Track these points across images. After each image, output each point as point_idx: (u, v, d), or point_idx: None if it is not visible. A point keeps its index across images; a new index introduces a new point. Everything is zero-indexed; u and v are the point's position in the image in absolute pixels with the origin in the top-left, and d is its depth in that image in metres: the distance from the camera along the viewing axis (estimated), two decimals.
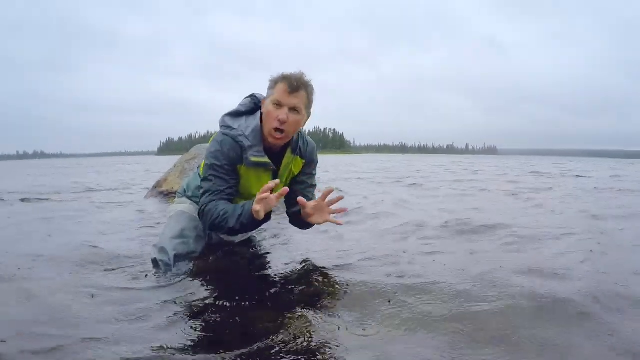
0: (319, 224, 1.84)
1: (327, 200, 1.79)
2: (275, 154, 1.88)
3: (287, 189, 1.66)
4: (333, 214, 1.81)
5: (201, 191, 1.86)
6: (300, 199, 1.75)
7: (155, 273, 1.85)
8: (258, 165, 1.82)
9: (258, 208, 1.61)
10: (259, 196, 1.62)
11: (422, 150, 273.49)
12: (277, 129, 1.75)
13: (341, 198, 1.80)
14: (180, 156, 5.78)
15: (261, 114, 1.85)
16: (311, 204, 1.78)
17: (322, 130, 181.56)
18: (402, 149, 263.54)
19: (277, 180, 1.66)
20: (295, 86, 1.73)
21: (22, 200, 5.08)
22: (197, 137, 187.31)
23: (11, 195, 5.64)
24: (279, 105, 1.74)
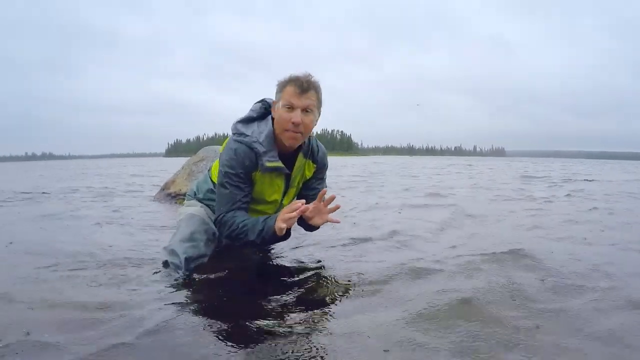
0: (320, 224, 1.84)
1: (324, 201, 1.80)
2: (288, 158, 1.88)
3: (306, 206, 1.69)
4: (330, 212, 1.82)
5: (217, 200, 1.87)
6: (302, 201, 1.75)
7: (166, 275, 1.86)
8: (273, 170, 1.83)
9: (283, 226, 1.65)
10: (285, 215, 1.66)
11: (430, 152, 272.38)
12: (292, 132, 1.75)
13: (334, 197, 1.81)
14: (188, 158, 5.81)
15: (272, 118, 1.86)
16: (309, 207, 1.77)
17: (330, 132, 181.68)
18: (410, 151, 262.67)
19: (303, 201, 1.70)
20: (305, 87, 1.73)
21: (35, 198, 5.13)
22: (204, 138, 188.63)
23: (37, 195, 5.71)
24: (291, 107, 1.74)
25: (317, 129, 1.93)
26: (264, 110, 1.91)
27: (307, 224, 1.89)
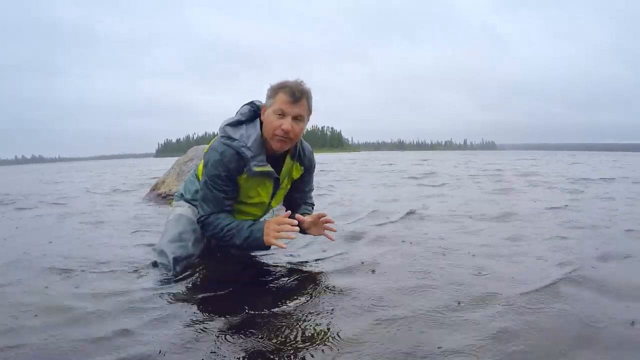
0: (315, 235, 1.95)
1: (321, 219, 1.89)
2: (275, 160, 1.90)
3: (303, 219, 1.83)
4: (327, 229, 1.92)
5: (200, 201, 1.89)
6: (298, 216, 1.85)
7: (155, 276, 1.86)
8: (261, 174, 1.83)
9: (273, 242, 1.73)
10: (276, 234, 1.72)
11: (420, 147, 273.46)
12: (281, 138, 1.77)
13: (332, 222, 1.92)
14: (178, 158, 5.77)
15: (261, 122, 1.86)
16: (308, 219, 1.88)
17: (320, 128, 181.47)
18: (400, 146, 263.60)
19: (289, 212, 1.80)
20: (298, 96, 1.75)
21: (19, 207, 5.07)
22: (194, 137, 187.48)
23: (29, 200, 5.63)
24: (282, 115, 1.75)
25: (307, 126, 1.94)
26: (253, 113, 1.91)
27: (300, 229, 1.91)
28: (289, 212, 1.84)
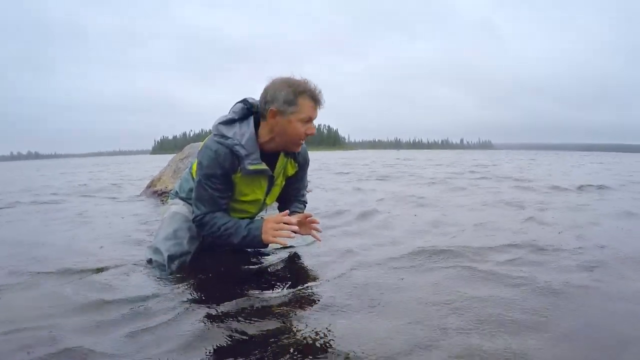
0: (303, 234, 1.97)
1: (308, 219, 1.92)
2: (269, 158, 1.89)
3: (291, 219, 1.81)
4: (314, 229, 1.95)
5: (194, 200, 1.88)
6: (286, 213, 1.86)
7: (149, 273, 1.86)
8: (256, 172, 1.84)
9: (272, 240, 1.77)
10: (275, 232, 1.76)
11: (416, 145, 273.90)
12: (302, 140, 1.82)
13: (318, 222, 1.95)
14: (174, 155, 5.75)
15: (256, 120, 1.85)
16: (295, 218, 1.87)
17: (317, 126, 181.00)
18: (396, 145, 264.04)
19: (287, 212, 1.83)
20: (321, 101, 1.80)
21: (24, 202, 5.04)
22: (191, 134, 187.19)
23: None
24: (309, 121, 1.79)
25: None
26: (246, 111, 1.90)
27: None
28: (287, 211, 1.86)
